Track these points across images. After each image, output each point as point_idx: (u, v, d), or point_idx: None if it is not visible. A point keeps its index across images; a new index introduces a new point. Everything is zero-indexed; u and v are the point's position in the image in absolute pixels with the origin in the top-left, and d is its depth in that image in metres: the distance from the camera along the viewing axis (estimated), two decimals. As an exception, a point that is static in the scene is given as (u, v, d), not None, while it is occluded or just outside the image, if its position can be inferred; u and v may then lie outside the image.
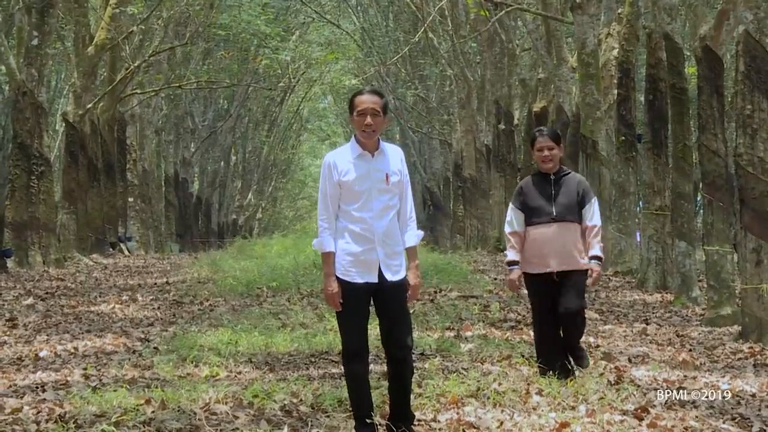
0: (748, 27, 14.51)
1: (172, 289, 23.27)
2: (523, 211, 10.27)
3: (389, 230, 8.71)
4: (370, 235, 8.65)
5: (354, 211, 8.68)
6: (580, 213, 10.20)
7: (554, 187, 10.17)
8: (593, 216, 10.23)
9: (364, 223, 8.66)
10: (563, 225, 10.14)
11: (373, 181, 8.66)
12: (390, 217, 8.72)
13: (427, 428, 9.43)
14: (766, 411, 10.45)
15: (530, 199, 10.25)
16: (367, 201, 8.66)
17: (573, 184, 10.22)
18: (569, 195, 10.17)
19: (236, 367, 12.92)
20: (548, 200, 10.17)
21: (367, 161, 8.70)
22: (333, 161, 8.72)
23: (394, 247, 8.72)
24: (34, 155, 29.37)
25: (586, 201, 10.19)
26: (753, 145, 14.52)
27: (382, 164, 8.71)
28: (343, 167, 8.68)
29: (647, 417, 9.86)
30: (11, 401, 11.19)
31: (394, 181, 8.70)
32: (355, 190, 8.65)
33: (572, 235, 10.19)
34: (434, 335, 15.24)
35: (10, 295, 21.61)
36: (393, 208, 8.75)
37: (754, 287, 14.66)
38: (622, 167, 24.54)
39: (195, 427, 9.67)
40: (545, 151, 10.13)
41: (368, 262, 8.66)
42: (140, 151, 45.49)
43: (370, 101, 8.65)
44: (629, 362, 13.08)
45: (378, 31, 56.41)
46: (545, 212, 10.15)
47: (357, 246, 8.66)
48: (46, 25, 29.57)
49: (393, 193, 8.74)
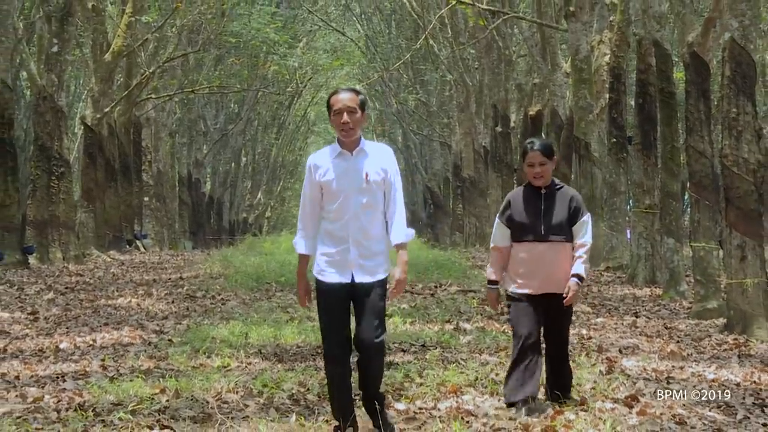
0: (734, 34, 14.52)
1: (185, 284, 23.27)
2: (509, 227, 9.22)
3: (366, 231, 8.33)
4: (345, 234, 8.31)
5: (332, 210, 8.35)
6: (570, 231, 9.15)
7: (544, 203, 9.12)
8: (585, 233, 9.17)
9: (340, 222, 8.32)
10: (551, 245, 9.05)
11: (351, 181, 8.29)
12: (368, 218, 8.34)
13: (427, 416, 9.44)
14: (749, 399, 10.46)
15: (517, 214, 9.16)
16: (345, 200, 8.30)
17: (565, 200, 9.15)
18: (560, 212, 9.10)
19: (247, 358, 12.93)
20: (536, 217, 9.07)
21: (346, 160, 8.36)
22: (314, 162, 8.43)
23: (370, 248, 8.35)
24: (55, 157, 29.39)
25: (578, 217, 9.13)
26: (738, 147, 14.53)
27: (361, 163, 8.33)
28: (322, 168, 8.36)
29: (637, 405, 9.87)
30: (33, 390, 11.21)
31: (374, 179, 8.31)
32: (333, 189, 8.31)
33: (561, 256, 9.08)
34: (434, 328, 15.25)
35: (32, 290, 21.62)
36: (372, 208, 8.36)
37: (738, 282, 14.68)
38: (614, 167, 24.55)
39: (207, 415, 9.68)
40: (537, 167, 9.05)
41: (342, 262, 8.32)
42: (155, 153, 45.50)
43: (345, 99, 8.36)
44: (620, 353, 13.09)
45: (381, 39, 56.42)
46: (532, 230, 9.07)
47: (332, 246, 8.36)
48: (66, 33, 29.58)
49: (373, 193, 8.34)
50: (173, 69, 43.83)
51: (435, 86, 53.38)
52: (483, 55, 39.94)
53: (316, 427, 8.97)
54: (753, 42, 14.76)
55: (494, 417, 9.23)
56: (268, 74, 55.01)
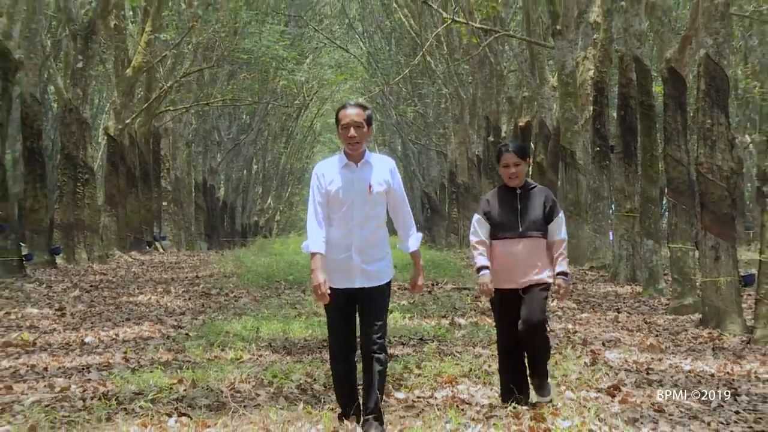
0: (709, 51, 14.53)
1: (201, 283, 23.27)
2: (489, 223, 9.03)
3: (370, 239, 8.29)
4: (348, 241, 8.24)
5: (337, 219, 8.27)
6: (545, 227, 8.95)
7: (520, 202, 8.93)
8: (560, 231, 8.99)
9: (344, 230, 8.25)
10: (529, 240, 8.89)
11: (355, 191, 8.22)
12: (372, 227, 8.30)
13: (425, 404, 9.45)
14: (723, 389, 10.47)
15: (496, 212, 8.98)
16: (349, 210, 8.23)
17: (539, 198, 8.97)
18: (535, 209, 8.93)
19: (258, 350, 12.93)
20: (514, 215, 8.92)
21: (352, 171, 8.27)
22: (320, 171, 8.34)
23: (373, 254, 8.30)
24: (80, 165, 29.41)
25: (554, 215, 8.96)
26: (712, 155, 14.54)
27: (366, 174, 8.26)
28: (329, 177, 8.28)
29: (619, 394, 9.89)
30: (60, 381, 11.22)
31: (377, 190, 8.25)
32: (339, 198, 8.24)
33: (537, 249, 8.93)
34: (431, 323, 15.25)
35: (59, 288, 21.63)
36: (375, 218, 8.32)
37: (712, 280, 14.69)
38: (597, 174, 24.55)
39: (221, 403, 9.69)
40: (511, 168, 8.89)
41: (347, 268, 8.25)
42: (173, 161, 45.50)
43: (353, 114, 8.24)
44: (603, 346, 13.10)
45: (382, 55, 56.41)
46: (511, 228, 8.90)
47: (337, 252, 8.25)
48: (90, 50, 29.61)
49: (376, 203, 8.29)
50: (189, 83, 43.82)
51: (432, 99, 53.37)
52: (476, 70, 39.95)
53: (322, 415, 8.98)
54: (726, 58, 14.77)
55: (487, 405, 9.24)
56: (277, 88, 55.00)
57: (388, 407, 9.07)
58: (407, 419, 8.76)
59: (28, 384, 11.23)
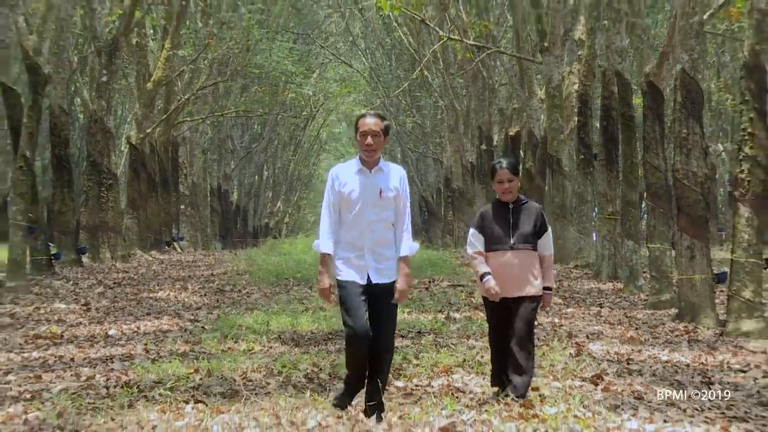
0: (685, 66, 14.53)
1: (216, 280, 23.27)
2: (483, 236, 8.89)
3: (380, 239, 8.24)
4: (361, 242, 8.21)
5: (350, 219, 8.24)
6: (535, 240, 8.83)
7: (512, 216, 8.83)
8: (549, 246, 8.86)
9: (356, 231, 8.22)
10: (520, 252, 8.76)
11: (367, 195, 8.19)
12: (381, 228, 8.24)
13: (423, 392, 9.45)
14: (697, 378, 10.47)
15: (490, 226, 8.86)
16: (360, 211, 8.20)
17: (531, 213, 8.85)
18: (527, 223, 8.81)
19: (268, 342, 12.94)
20: (506, 229, 8.81)
21: (365, 176, 8.25)
22: (336, 173, 8.33)
23: (383, 253, 8.25)
24: (104, 171, 29.42)
25: (543, 231, 8.83)
26: (688, 162, 14.55)
27: (378, 180, 8.24)
28: (343, 179, 8.25)
29: (601, 383, 9.88)
30: (86, 370, 11.23)
31: (387, 196, 8.22)
32: (351, 200, 8.21)
33: (528, 261, 8.80)
34: (428, 317, 15.25)
35: (85, 285, 21.63)
36: (384, 221, 8.26)
37: (688, 278, 14.69)
38: (581, 180, 24.56)
39: (235, 391, 9.69)
40: (505, 183, 8.78)
41: (359, 266, 8.21)
42: (190, 168, 45.51)
43: (371, 123, 8.23)
44: (587, 338, 13.10)
45: (383, 70, 56.39)
46: (503, 241, 8.78)
47: (349, 251, 8.24)
48: (113, 65, 29.63)
49: (385, 207, 8.24)
50: (205, 96, 43.83)
51: (429, 110, 53.35)
52: (470, 84, 39.95)
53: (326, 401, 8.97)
54: (701, 72, 14.77)
55: (480, 393, 9.24)
56: (286, 100, 54.98)
57: (389, 395, 9.06)
58: (406, 406, 8.75)
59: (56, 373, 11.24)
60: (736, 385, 10.13)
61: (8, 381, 10.89)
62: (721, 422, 8.28)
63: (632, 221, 19.66)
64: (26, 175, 21.75)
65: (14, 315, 16.73)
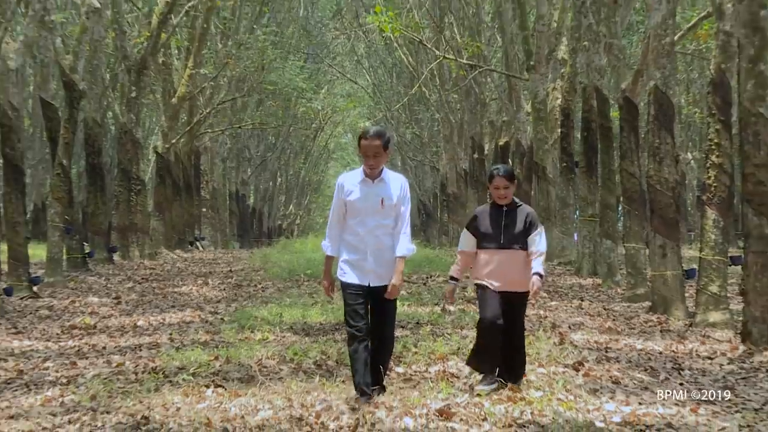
0: (657, 82, 14.53)
1: (234, 276, 23.27)
2: (475, 236, 8.68)
3: (381, 244, 8.14)
4: (363, 246, 8.14)
5: (353, 225, 8.18)
6: (526, 241, 8.58)
7: (505, 218, 8.59)
8: (539, 243, 8.58)
9: (358, 236, 8.15)
10: (508, 252, 8.53)
11: (370, 203, 8.11)
12: (382, 233, 8.15)
13: (420, 377, 9.45)
14: (669, 364, 10.46)
15: (483, 226, 8.64)
16: (363, 218, 8.13)
17: (522, 216, 8.62)
18: (518, 225, 8.57)
19: (281, 332, 12.93)
20: (498, 229, 8.58)
21: (368, 186, 8.15)
22: (342, 182, 8.24)
23: (384, 257, 8.15)
24: (133, 177, 29.46)
25: (532, 230, 8.56)
26: (660, 169, 14.54)
27: (380, 190, 8.14)
28: (348, 188, 8.18)
29: (582, 369, 9.88)
30: (117, 357, 11.24)
31: (388, 204, 8.12)
32: (355, 208, 8.14)
33: (517, 261, 8.55)
34: (426, 309, 15.24)
35: (116, 280, 21.65)
36: (385, 227, 8.16)
37: (660, 273, 14.68)
38: (564, 185, 24.56)
39: (251, 376, 9.69)
40: (501, 190, 8.58)
41: (361, 268, 8.14)
42: (211, 174, 45.53)
43: (372, 145, 8.08)
44: (569, 329, 13.09)
45: (385, 86, 56.39)
46: (494, 239, 8.58)
47: (352, 254, 8.17)
48: (142, 82, 29.66)
49: (386, 215, 8.15)
50: (225, 110, 43.84)
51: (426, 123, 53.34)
52: (463, 99, 39.93)
53: (335, 386, 8.98)
54: (672, 88, 14.77)
55: (472, 378, 9.23)
56: (297, 114, 55.01)
57: (390, 380, 9.06)
58: (406, 390, 8.75)
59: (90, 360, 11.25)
60: (703, 370, 10.13)
61: (47, 367, 10.91)
62: (690, 404, 8.27)
63: (610, 222, 19.65)
64: (63, 181, 21.78)
65: (52, 308, 16.75)
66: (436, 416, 7.77)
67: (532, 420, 7.58)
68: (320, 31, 55.21)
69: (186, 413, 8.05)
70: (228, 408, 8.21)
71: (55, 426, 7.81)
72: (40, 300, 17.74)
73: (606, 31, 18.82)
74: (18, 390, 9.60)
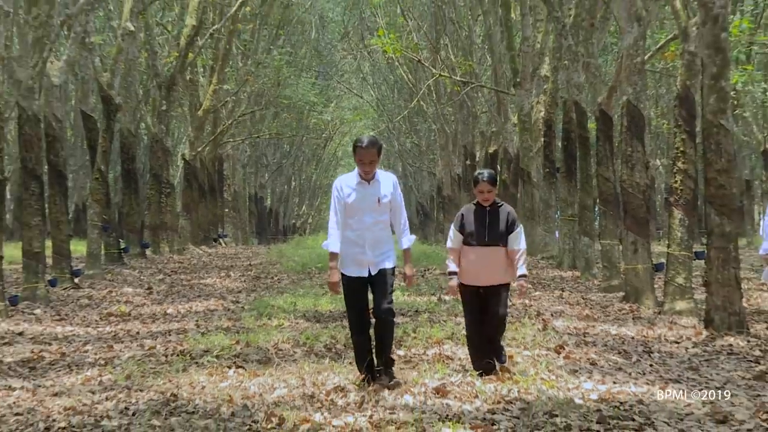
0: (629, 97, 14.52)
1: (253, 269, 23.29)
2: (462, 234, 8.48)
3: (378, 238, 8.03)
4: (362, 241, 8.00)
5: (352, 223, 8.03)
6: (507, 238, 8.35)
7: (489, 217, 8.37)
8: (519, 241, 8.38)
9: (357, 232, 8.01)
10: (492, 248, 8.32)
11: (367, 203, 8.00)
12: (379, 229, 8.05)
13: (419, 359, 9.44)
14: (640, 348, 10.46)
15: (468, 224, 8.43)
16: (361, 216, 8.01)
17: (504, 215, 8.40)
18: (500, 224, 8.35)
19: (295, 319, 12.94)
20: (482, 227, 8.37)
21: (364, 187, 8.02)
22: (340, 185, 8.10)
23: (381, 249, 8.05)
24: (163, 181, 29.47)
25: (513, 228, 8.34)
26: (632, 174, 14.53)
27: (375, 190, 8.02)
28: (346, 190, 8.05)
29: (563, 351, 9.87)
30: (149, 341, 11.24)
31: (384, 202, 8.02)
32: (354, 207, 8.01)
33: (499, 256, 8.35)
34: (424, 299, 15.24)
35: (148, 273, 21.66)
36: (382, 222, 8.07)
37: (632, 267, 14.67)
38: (547, 189, 24.54)
39: (268, 358, 9.69)
40: (485, 193, 8.35)
41: (360, 261, 8.00)
42: (232, 179, 45.51)
43: (367, 153, 7.93)
44: (551, 316, 13.09)
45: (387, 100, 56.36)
46: (479, 237, 8.36)
47: (352, 248, 8.03)
48: (171, 97, 29.70)
49: (382, 212, 8.04)
50: (245, 121, 43.84)
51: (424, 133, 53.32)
52: (457, 111, 39.92)
53: (343, 367, 8.98)
54: (642, 102, 14.76)
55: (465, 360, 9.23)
56: (309, 125, 55.00)
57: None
58: (406, 371, 8.75)
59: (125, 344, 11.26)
60: (671, 353, 10.12)
61: (87, 350, 10.92)
62: (659, 383, 8.27)
63: (587, 222, 19.65)
64: (101, 184, 21.82)
65: (91, 297, 16.76)
66: (433, 394, 7.77)
67: (518, 397, 7.58)
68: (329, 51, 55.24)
69: (210, 391, 8.05)
70: (248, 386, 8.21)
71: (94, 402, 7.81)
72: (80, 290, 17.76)
73: (584, 51, 18.81)
74: (61, 370, 9.62)
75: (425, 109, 45.40)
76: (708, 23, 11.51)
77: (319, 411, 7.20)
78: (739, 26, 20.63)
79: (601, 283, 17.42)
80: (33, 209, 16.45)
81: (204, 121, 35.17)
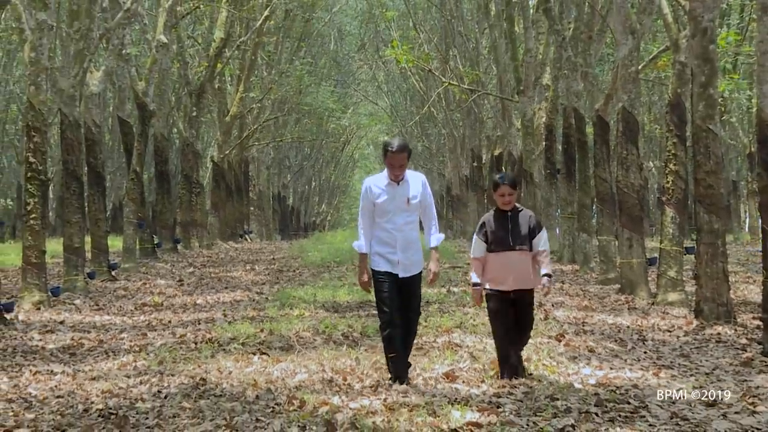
0: (625, 104, 14.45)
1: (276, 263, 23.30)
2: (485, 241, 7.77)
3: (408, 238, 7.64)
4: (393, 242, 7.60)
5: (383, 223, 7.62)
6: (531, 242, 7.76)
7: (511, 222, 7.74)
8: (543, 243, 7.83)
9: (389, 232, 7.61)
10: (518, 253, 7.70)
11: (397, 203, 7.59)
12: (409, 229, 7.66)
13: (430, 346, 9.44)
14: (635, 336, 10.43)
15: (491, 231, 7.76)
16: (392, 217, 7.60)
17: (525, 219, 7.81)
18: (523, 228, 7.74)
19: (315, 310, 12.94)
20: (506, 233, 7.73)
21: (394, 188, 7.59)
22: (369, 186, 7.67)
23: (411, 249, 7.70)
24: (194, 182, 29.50)
25: (537, 232, 7.77)
26: (627, 175, 14.47)
27: (404, 190, 7.60)
28: (376, 191, 7.62)
29: (563, 339, 9.85)
30: (180, 330, 11.26)
31: (413, 202, 7.61)
32: (384, 208, 7.59)
33: (525, 260, 7.73)
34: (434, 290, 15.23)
35: (179, 266, 21.70)
36: (412, 222, 7.67)
37: (627, 261, 14.62)
38: (548, 189, 24.47)
39: (290, 345, 9.70)
40: (506, 196, 7.71)
41: (391, 260, 7.60)
42: (257, 179, 45.58)
43: (397, 158, 7.50)
44: (552, 306, 13.06)
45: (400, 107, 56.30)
46: (504, 242, 7.71)
47: (383, 248, 7.62)
48: (201, 104, 29.73)
49: (412, 211, 7.65)
50: (269, 126, 43.83)
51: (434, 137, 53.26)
52: (465, 117, 39.86)
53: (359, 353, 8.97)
54: (637, 109, 14.70)
55: (473, 347, 9.22)
56: (328, 129, 55.02)
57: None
58: (417, 357, 8.74)
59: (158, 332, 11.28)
60: (663, 341, 10.08)
61: (122, 337, 10.95)
62: (653, 369, 8.23)
63: (586, 219, 19.58)
64: (136, 185, 21.88)
65: (127, 289, 16.80)
66: (443, 378, 7.76)
67: (522, 382, 7.56)
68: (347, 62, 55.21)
69: (236, 376, 8.06)
70: (271, 372, 8.21)
71: (129, 386, 7.83)
72: (117, 282, 17.80)
73: (582, 62, 18.75)
74: (99, 356, 9.64)
75: (435, 115, 45.34)
76: (697, 35, 11.47)
77: (337, 394, 7.20)
78: (726, 38, 20.51)
79: (599, 276, 17.36)
80: (74, 208, 16.56)
81: (231, 126, 35.21)
